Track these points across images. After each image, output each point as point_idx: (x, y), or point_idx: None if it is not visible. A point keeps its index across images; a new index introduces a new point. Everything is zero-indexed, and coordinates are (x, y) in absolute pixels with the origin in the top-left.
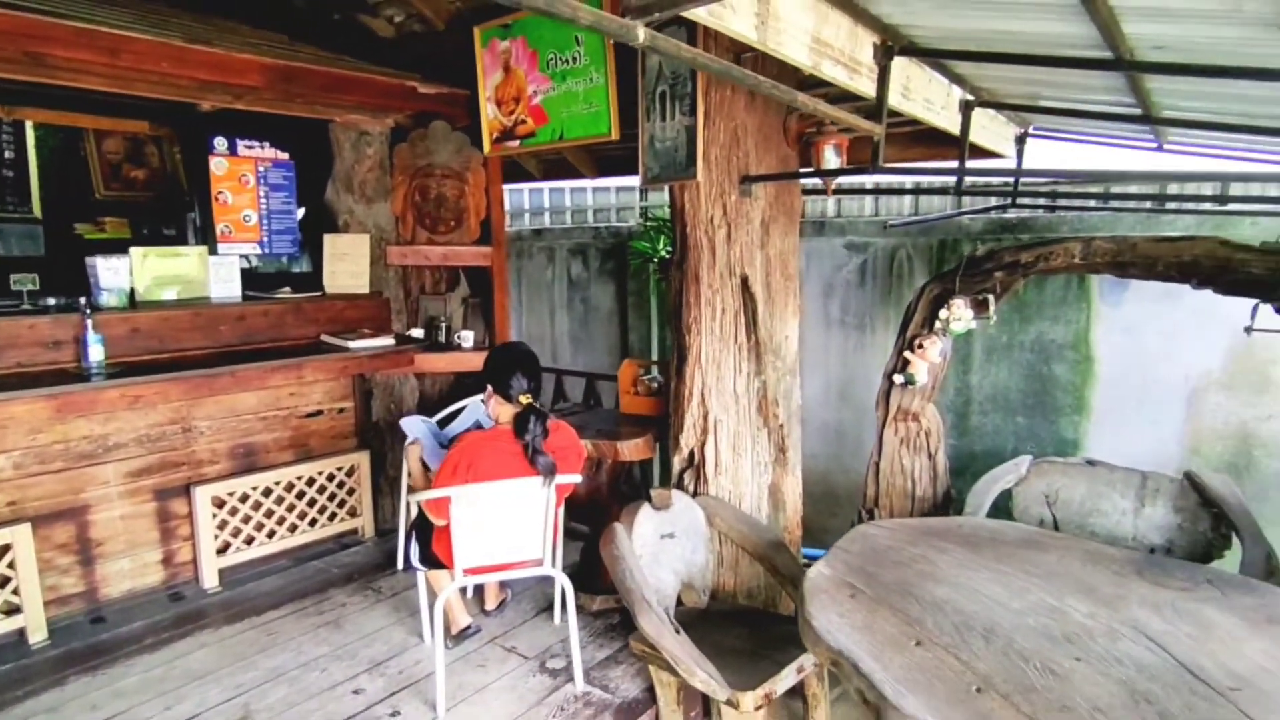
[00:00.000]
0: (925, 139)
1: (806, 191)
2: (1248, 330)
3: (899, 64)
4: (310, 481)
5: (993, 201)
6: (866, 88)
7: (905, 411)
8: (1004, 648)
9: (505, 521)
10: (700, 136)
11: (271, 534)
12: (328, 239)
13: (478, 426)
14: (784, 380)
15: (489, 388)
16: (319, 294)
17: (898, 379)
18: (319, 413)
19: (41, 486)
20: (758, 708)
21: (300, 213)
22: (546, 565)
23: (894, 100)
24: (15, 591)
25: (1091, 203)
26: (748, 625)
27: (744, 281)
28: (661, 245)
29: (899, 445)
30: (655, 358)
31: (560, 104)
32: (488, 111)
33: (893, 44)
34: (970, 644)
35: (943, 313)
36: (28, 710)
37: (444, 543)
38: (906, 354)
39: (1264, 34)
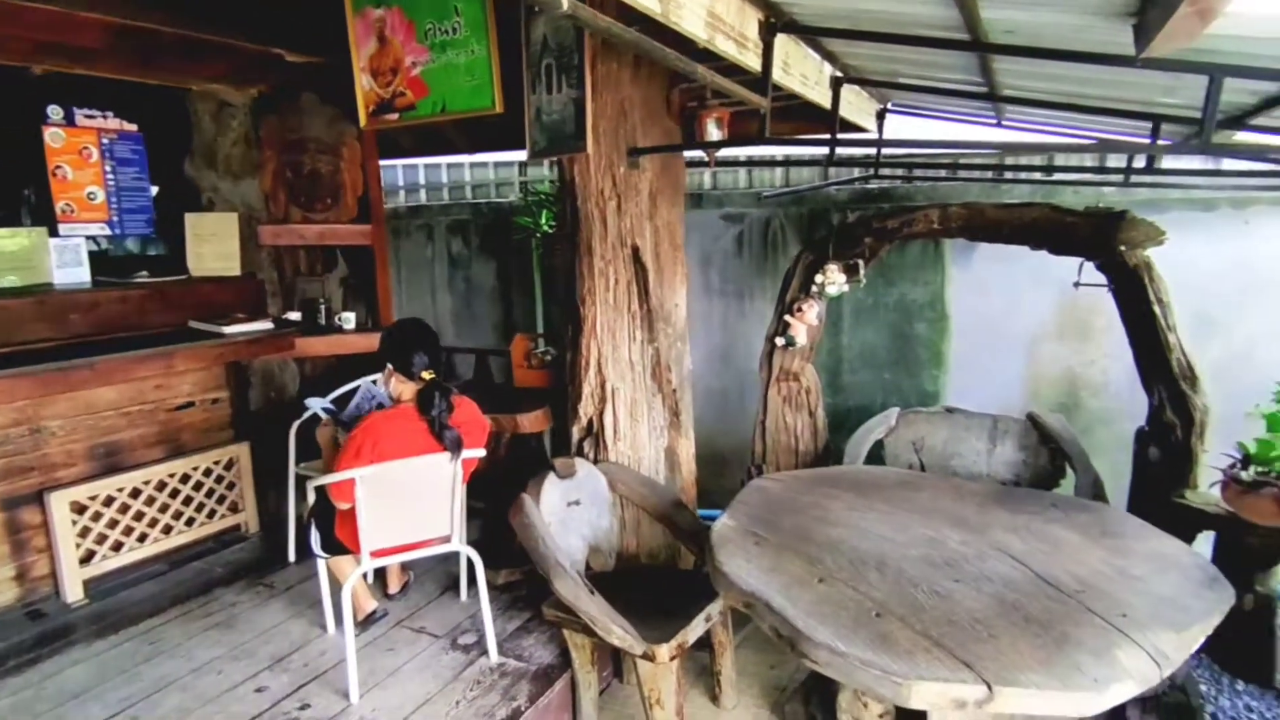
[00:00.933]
0: (798, 114)
1: (688, 164)
2: (1076, 285)
3: (780, 40)
4: (184, 479)
5: (856, 173)
6: (752, 62)
7: (787, 372)
8: (895, 577)
9: (413, 500)
10: (589, 109)
11: (143, 537)
12: (190, 218)
13: (379, 407)
14: (675, 346)
15: (388, 367)
16: (184, 277)
17: (779, 341)
18: (190, 404)
19: None
20: (672, 658)
21: (154, 191)
22: (455, 541)
23: (776, 75)
24: None
25: (942, 173)
26: (653, 583)
27: (635, 252)
28: (544, 220)
29: (782, 404)
30: (541, 331)
31: (441, 76)
32: (363, 83)
33: (775, 20)
34: (866, 576)
35: (818, 278)
36: None
37: (348, 527)
38: (786, 317)
39: (1099, 22)
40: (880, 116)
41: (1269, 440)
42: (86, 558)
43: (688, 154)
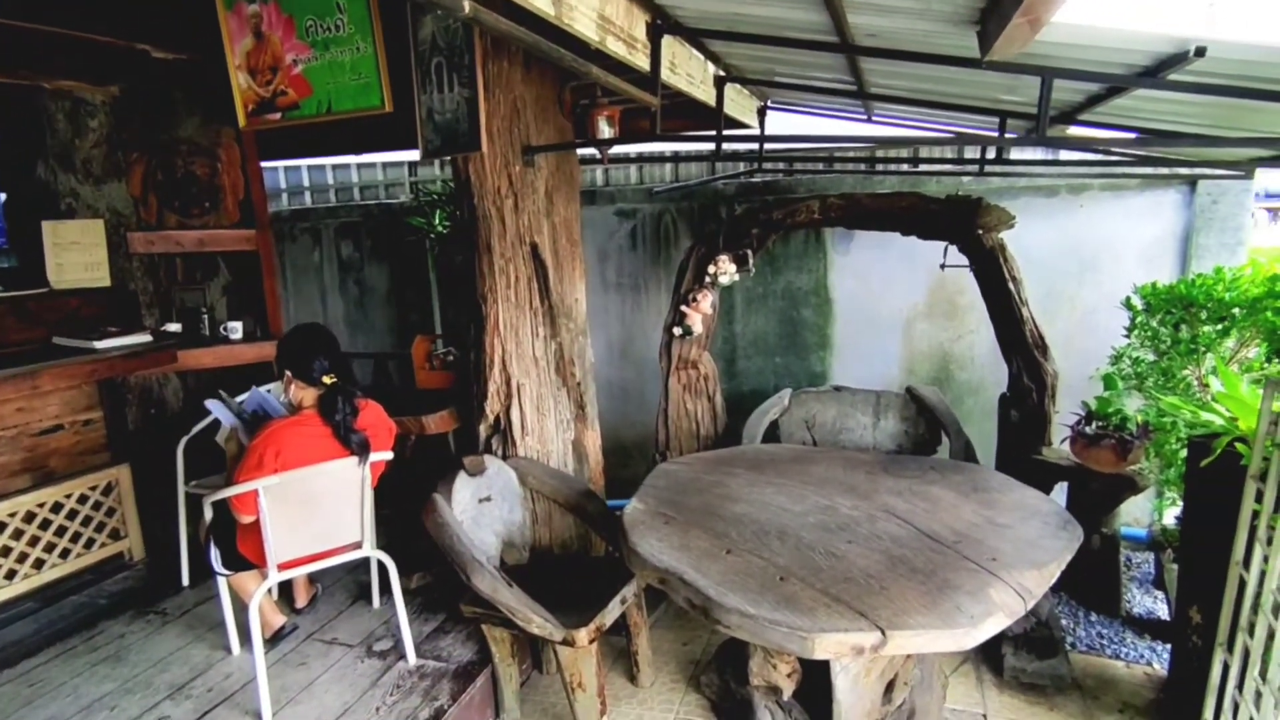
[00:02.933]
0: (686, 111)
1: (581, 161)
2: (942, 267)
3: (667, 41)
4: (56, 507)
5: (742, 167)
6: (642, 62)
7: (685, 360)
8: (795, 544)
9: (321, 508)
10: (482, 109)
11: (11, 574)
12: (48, 226)
13: (265, 415)
14: (578, 340)
15: (287, 374)
16: (43, 290)
17: (676, 331)
18: (59, 428)
19: None
20: (591, 641)
21: (1, 197)
22: (366, 547)
23: (664, 74)
24: None
25: (820, 166)
26: (567, 572)
27: (534, 249)
28: (439, 220)
29: (682, 392)
30: (440, 332)
31: (324, 74)
32: (239, 81)
33: (662, 22)
34: (769, 545)
35: (711, 268)
36: None
37: (252, 540)
38: (683, 308)
39: (949, 28)
40: (761, 114)
41: (1105, 398)
42: None
43: (581, 151)
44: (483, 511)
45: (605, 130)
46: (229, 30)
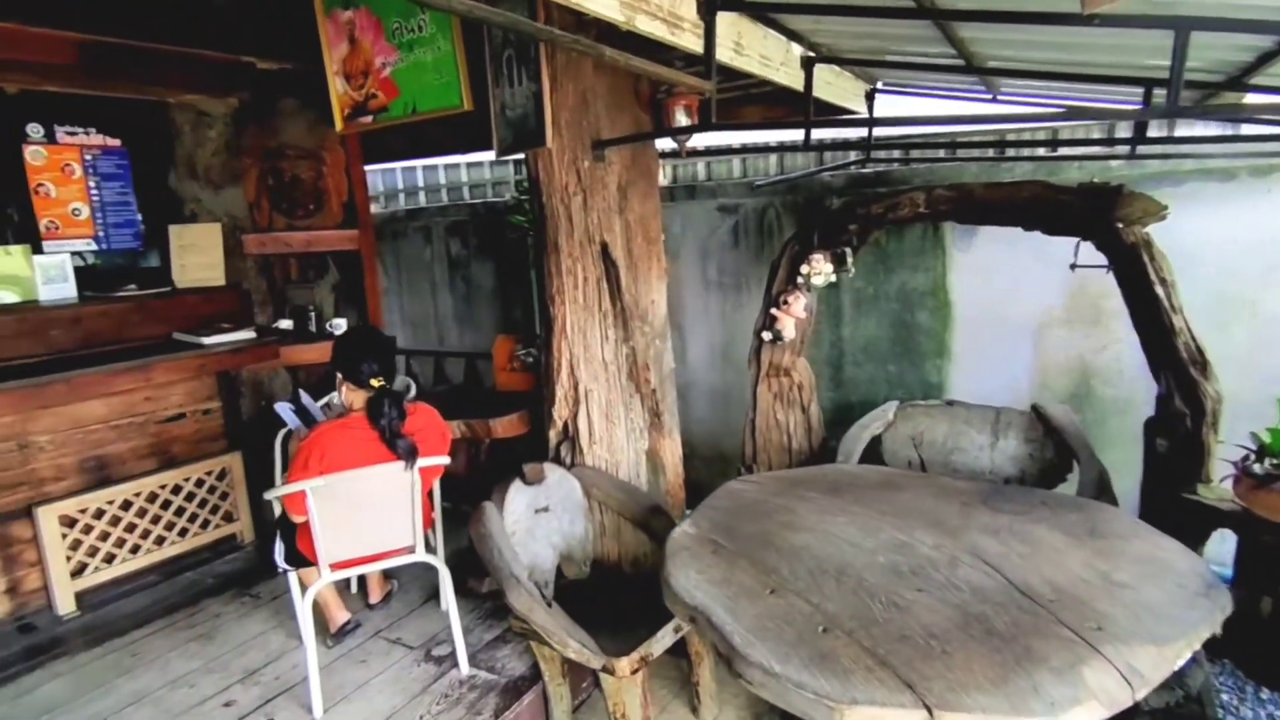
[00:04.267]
0: (777, 98)
1: (666, 154)
2: (1072, 267)
3: (728, 20)
4: (176, 490)
5: (852, 156)
6: (690, 44)
7: (777, 367)
8: (854, 587)
9: (368, 511)
10: (548, 102)
11: (136, 549)
12: (174, 230)
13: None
14: (654, 345)
15: (339, 375)
16: (168, 289)
17: (766, 336)
18: (181, 416)
19: None
20: (634, 671)
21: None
22: (419, 552)
23: (725, 57)
24: None
25: (940, 153)
26: (629, 592)
27: (604, 248)
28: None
29: (773, 401)
30: (539, 332)
31: (410, 75)
32: (337, 86)
33: None
34: (822, 586)
35: (804, 268)
36: None
37: (306, 539)
38: (773, 311)
39: None
40: (870, 97)
41: None
42: (78, 570)
43: (661, 146)
44: (539, 522)
45: (682, 121)
46: (327, 37)
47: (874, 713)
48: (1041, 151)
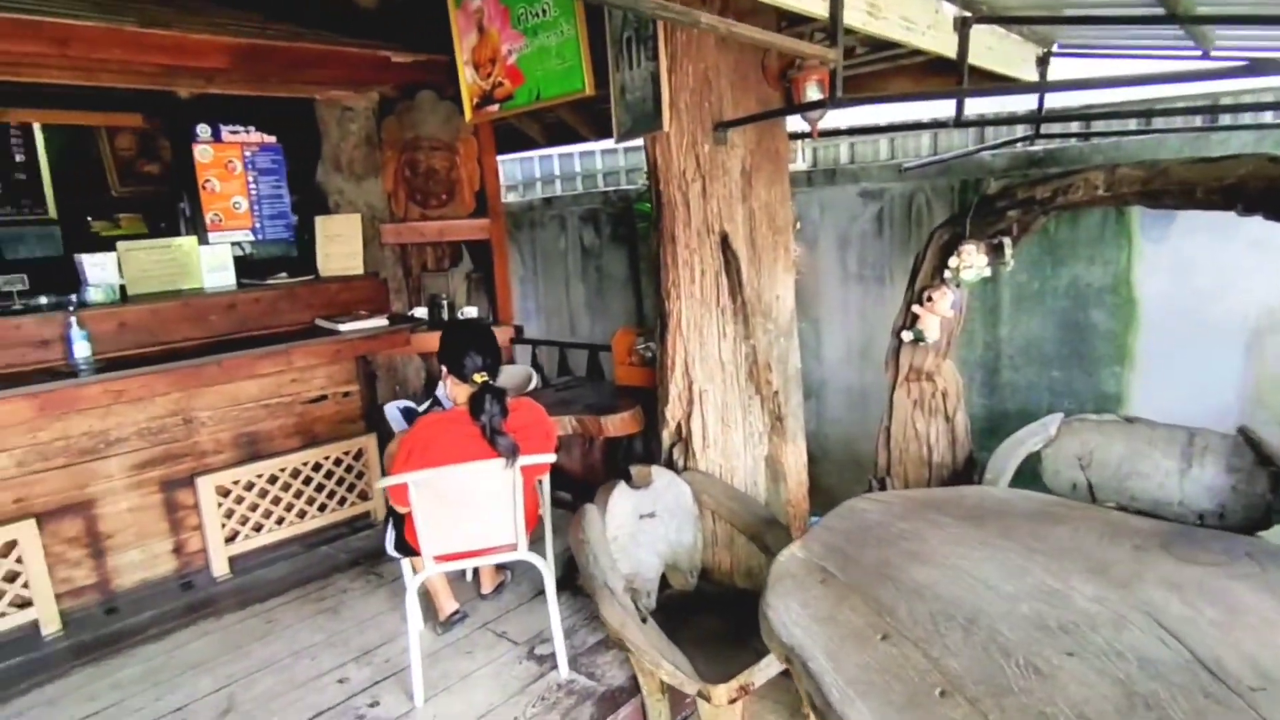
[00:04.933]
0: (932, 68)
1: (797, 135)
2: None
3: None
4: (316, 467)
5: (1019, 132)
6: (815, 6)
7: (918, 371)
8: (985, 641)
9: (469, 506)
10: (665, 83)
11: (280, 520)
12: (319, 221)
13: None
14: (778, 343)
15: (443, 369)
16: (313, 277)
17: (906, 336)
18: (323, 398)
19: (46, 483)
20: (731, 700)
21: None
22: (521, 549)
23: (857, 21)
24: (26, 585)
25: (1132, 125)
26: (738, 608)
27: (724, 239)
28: None
29: (912, 408)
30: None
31: (534, 61)
32: (466, 76)
33: None
34: (946, 637)
35: (952, 260)
36: (30, 702)
37: (413, 529)
38: (915, 308)
39: None
40: (1042, 63)
41: None
42: (231, 537)
43: (794, 126)
44: (643, 529)
45: (816, 97)
46: (458, 28)
47: None
48: (1269, 117)
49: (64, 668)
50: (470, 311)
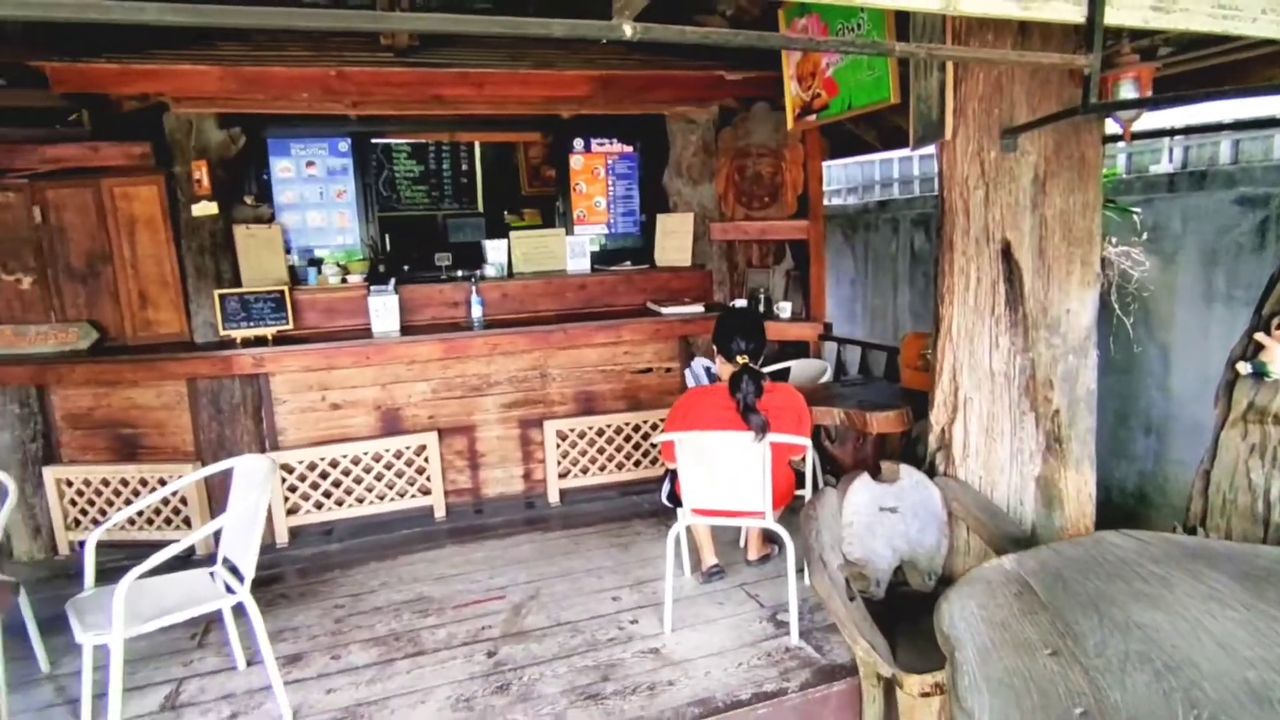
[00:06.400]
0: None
1: (1110, 138)
2: None
3: None
4: (636, 428)
5: None
6: (1069, 13)
7: (1260, 411)
8: (1173, 689)
9: (720, 470)
10: (950, 91)
11: (603, 468)
12: (659, 218)
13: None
14: (1064, 360)
15: (714, 348)
16: (648, 266)
17: (1244, 368)
18: (649, 370)
19: (447, 407)
20: (923, 694)
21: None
22: (768, 519)
23: (1137, 21)
24: (429, 479)
25: None
26: None
27: (1005, 248)
28: None
29: (1246, 453)
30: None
31: (848, 73)
32: (791, 89)
33: None
34: (1128, 675)
35: None
36: (419, 558)
37: (678, 484)
38: (1259, 336)
39: None
40: None
41: None
42: (564, 473)
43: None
44: (880, 520)
45: (1130, 96)
46: None
47: None
48: None
49: (442, 541)
50: (785, 306)
